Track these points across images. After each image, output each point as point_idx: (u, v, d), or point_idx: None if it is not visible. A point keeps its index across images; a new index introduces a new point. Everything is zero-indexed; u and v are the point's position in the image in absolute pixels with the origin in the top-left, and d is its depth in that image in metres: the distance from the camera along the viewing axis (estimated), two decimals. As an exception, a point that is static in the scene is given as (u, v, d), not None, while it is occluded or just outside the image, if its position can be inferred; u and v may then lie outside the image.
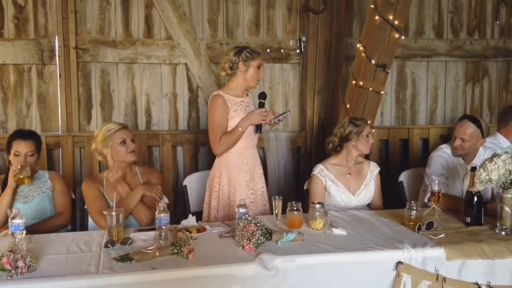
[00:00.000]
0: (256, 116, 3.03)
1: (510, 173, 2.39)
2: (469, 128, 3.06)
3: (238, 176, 3.08)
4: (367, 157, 3.52)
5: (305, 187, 3.37)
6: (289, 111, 3.33)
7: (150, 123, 4.30)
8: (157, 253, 2.12)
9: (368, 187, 3.13)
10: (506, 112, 3.72)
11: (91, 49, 4.10)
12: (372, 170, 3.18)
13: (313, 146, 4.41)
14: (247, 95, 3.18)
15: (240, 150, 3.08)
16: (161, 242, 2.27)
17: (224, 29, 4.36)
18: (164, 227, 2.31)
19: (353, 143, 3.08)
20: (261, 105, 3.10)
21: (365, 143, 3.09)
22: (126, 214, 2.61)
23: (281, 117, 3.11)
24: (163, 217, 2.32)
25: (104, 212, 2.37)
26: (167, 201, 2.98)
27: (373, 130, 3.75)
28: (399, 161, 4.64)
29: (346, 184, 3.09)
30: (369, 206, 3.19)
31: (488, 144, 3.27)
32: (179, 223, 2.64)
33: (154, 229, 2.39)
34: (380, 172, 3.22)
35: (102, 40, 4.12)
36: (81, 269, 2.03)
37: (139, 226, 2.69)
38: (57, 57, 4.03)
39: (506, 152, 2.47)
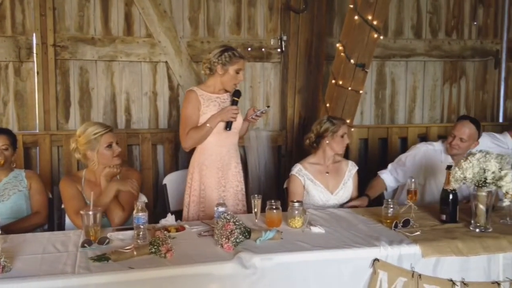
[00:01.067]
0: (227, 113, 3.00)
1: (484, 172, 2.44)
2: (469, 129, 3.14)
3: (209, 173, 3.06)
4: (346, 155, 3.54)
5: (284, 186, 3.38)
6: (269, 106, 3.34)
7: (130, 122, 4.27)
8: (135, 253, 2.11)
9: (346, 186, 3.16)
10: None
11: (69, 47, 4.05)
12: (350, 169, 3.21)
13: (294, 145, 4.42)
14: (225, 92, 3.17)
15: (212, 146, 3.07)
16: (139, 241, 2.25)
17: (205, 27, 4.34)
18: (142, 227, 2.29)
19: (327, 141, 3.10)
20: (234, 103, 3.07)
21: (339, 142, 3.11)
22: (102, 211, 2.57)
23: (259, 113, 3.11)
24: (141, 216, 2.29)
25: (81, 212, 2.33)
26: (146, 200, 2.95)
27: (352, 129, 3.79)
28: (378, 159, 4.68)
29: (324, 183, 3.11)
30: (348, 205, 3.22)
31: (495, 141, 3.36)
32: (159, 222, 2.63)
33: (131, 229, 2.37)
34: (358, 171, 3.25)
35: (81, 37, 4.07)
36: (57, 269, 2.01)
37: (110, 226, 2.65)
38: (34, 55, 3.96)
39: (480, 151, 2.52)
